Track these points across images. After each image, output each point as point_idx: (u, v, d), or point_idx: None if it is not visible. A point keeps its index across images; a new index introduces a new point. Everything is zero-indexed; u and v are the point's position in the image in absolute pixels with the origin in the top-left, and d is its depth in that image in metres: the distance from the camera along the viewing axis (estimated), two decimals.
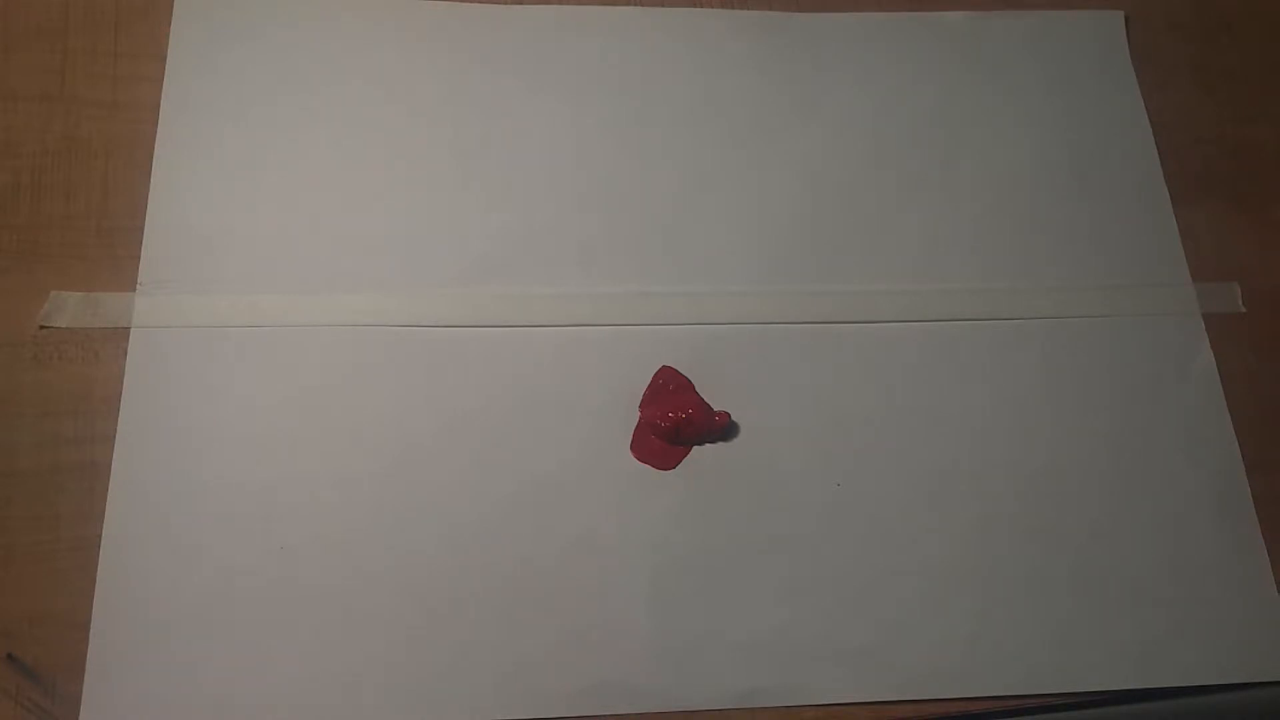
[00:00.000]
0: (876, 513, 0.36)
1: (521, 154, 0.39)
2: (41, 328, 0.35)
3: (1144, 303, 0.40)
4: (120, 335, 0.35)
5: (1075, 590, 0.35)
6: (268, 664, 0.32)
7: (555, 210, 0.39)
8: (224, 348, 0.35)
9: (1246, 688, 0.35)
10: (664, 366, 0.37)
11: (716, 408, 0.36)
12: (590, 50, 0.41)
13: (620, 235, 0.39)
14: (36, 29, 0.38)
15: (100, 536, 0.32)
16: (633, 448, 0.36)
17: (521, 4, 0.41)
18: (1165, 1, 0.46)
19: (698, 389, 0.36)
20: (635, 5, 0.42)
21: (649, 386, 0.36)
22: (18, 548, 0.33)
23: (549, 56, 0.41)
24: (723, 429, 0.36)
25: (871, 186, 0.40)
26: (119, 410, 0.34)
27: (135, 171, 0.37)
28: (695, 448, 0.36)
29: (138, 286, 0.36)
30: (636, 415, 0.36)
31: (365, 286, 0.37)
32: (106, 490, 0.33)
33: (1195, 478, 0.37)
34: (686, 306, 0.38)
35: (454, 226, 0.38)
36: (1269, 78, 0.45)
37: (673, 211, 0.39)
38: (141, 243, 0.36)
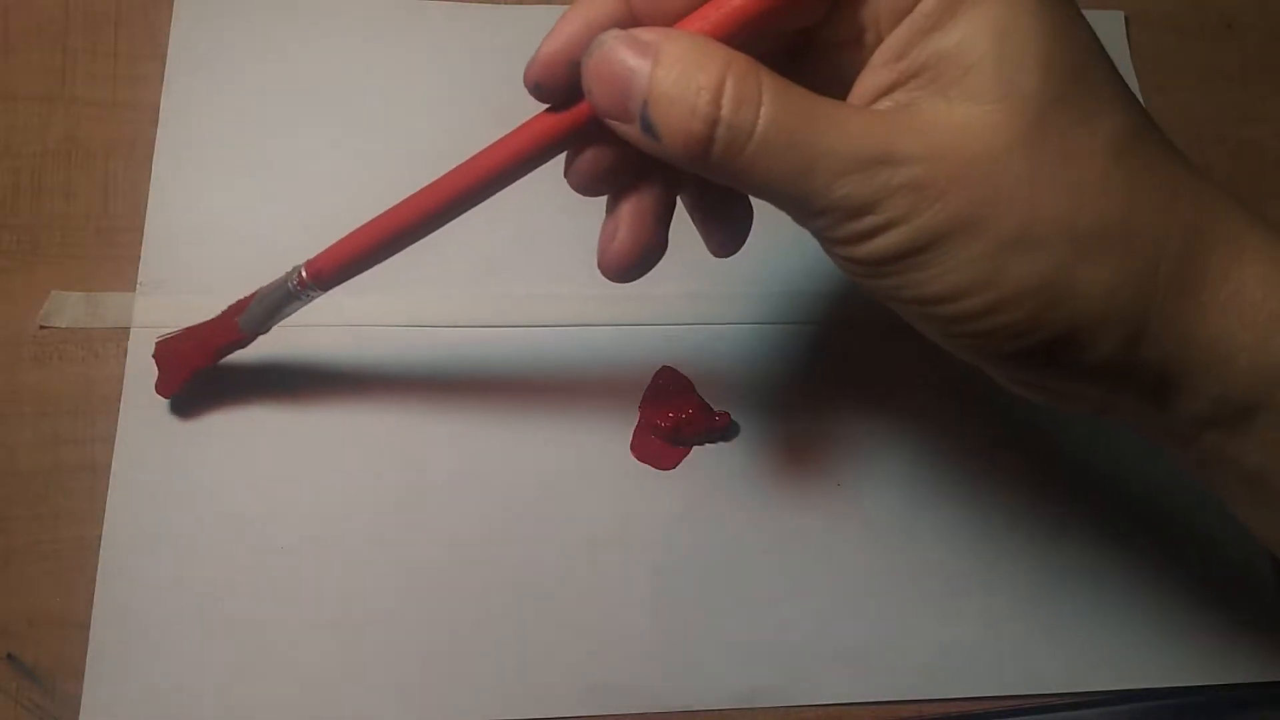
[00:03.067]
0: (876, 513, 0.36)
1: None
2: (41, 328, 0.35)
3: None
4: (120, 335, 0.35)
5: (1075, 590, 0.35)
6: (268, 664, 0.32)
7: (555, 210, 0.39)
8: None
9: (1246, 688, 0.35)
10: (664, 366, 0.37)
11: (716, 408, 0.36)
12: None
13: None
14: (36, 29, 0.38)
15: (100, 536, 0.33)
16: (633, 448, 0.36)
17: (521, 4, 0.41)
18: (1165, 1, 0.46)
19: (698, 389, 0.36)
20: None
21: (649, 386, 0.36)
22: (18, 548, 0.33)
23: None
24: (723, 429, 0.36)
25: None
26: (119, 410, 0.34)
27: (135, 171, 0.37)
28: (695, 448, 0.36)
29: (138, 286, 0.36)
30: (636, 415, 0.36)
31: (365, 286, 0.37)
32: (106, 490, 0.33)
33: None
34: (686, 306, 0.38)
35: (454, 226, 0.38)
36: (1269, 78, 0.45)
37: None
38: (141, 243, 0.36)
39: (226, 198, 0.37)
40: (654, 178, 0.26)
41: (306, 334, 0.36)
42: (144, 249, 0.36)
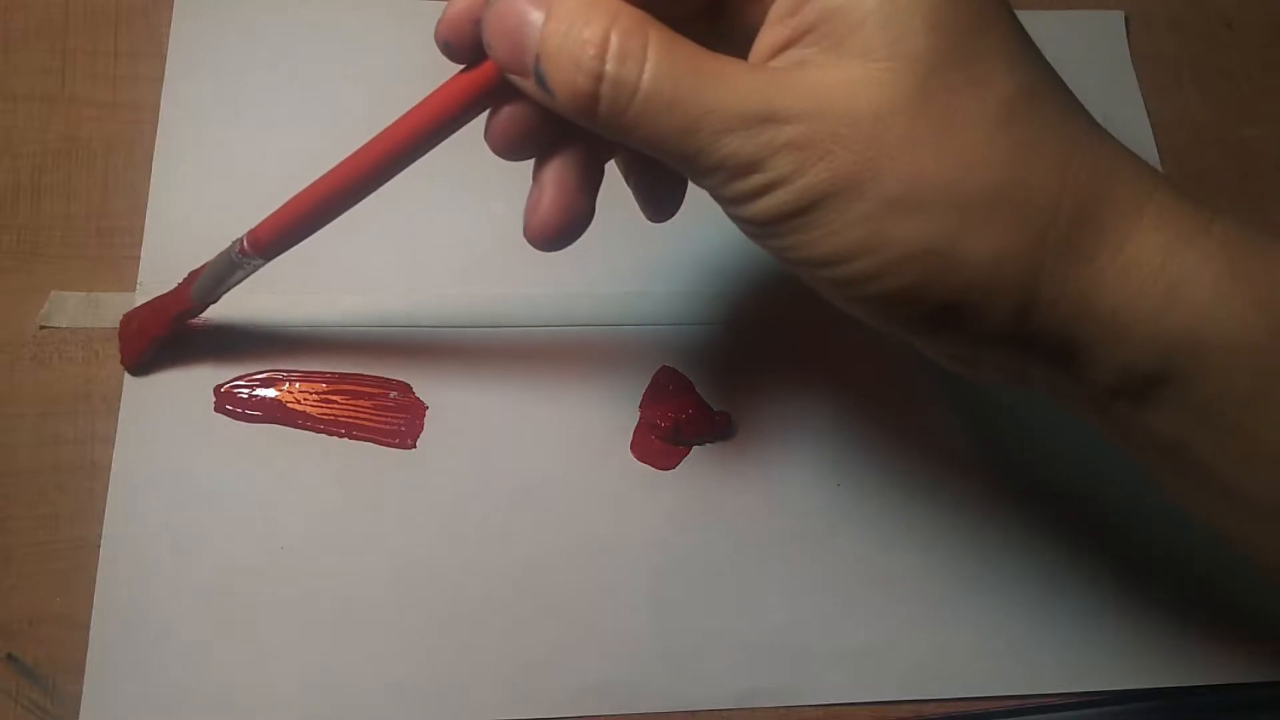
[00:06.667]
0: (876, 513, 0.36)
1: None
2: (41, 328, 0.35)
3: None
4: None
5: (1076, 590, 0.35)
6: (268, 664, 0.32)
7: None
8: (224, 347, 0.35)
9: (1246, 688, 0.35)
10: (664, 366, 0.37)
11: (716, 408, 0.36)
12: None
13: (620, 234, 0.38)
14: (36, 29, 0.38)
15: (100, 536, 0.33)
16: (633, 448, 0.36)
17: None
18: (1165, 1, 0.46)
19: (698, 389, 0.36)
20: None
21: (649, 386, 0.36)
22: (18, 548, 0.32)
23: None
24: (723, 429, 0.36)
25: None
26: (119, 410, 0.34)
27: (135, 171, 0.37)
28: (695, 448, 0.36)
29: (138, 286, 0.36)
30: (636, 415, 0.36)
31: (365, 286, 0.37)
32: (106, 490, 0.33)
33: None
34: (686, 306, 0.38)
35: (454, 225, 0.38)
36: (1269, 78, 0.45)
37: None
38: (141, 243, 0.36)
39: (226, 198, 0.37)
40: (577, 141, 0.26)
41: (307, 335, 0.36)
42: (144, 249, 0.36)
